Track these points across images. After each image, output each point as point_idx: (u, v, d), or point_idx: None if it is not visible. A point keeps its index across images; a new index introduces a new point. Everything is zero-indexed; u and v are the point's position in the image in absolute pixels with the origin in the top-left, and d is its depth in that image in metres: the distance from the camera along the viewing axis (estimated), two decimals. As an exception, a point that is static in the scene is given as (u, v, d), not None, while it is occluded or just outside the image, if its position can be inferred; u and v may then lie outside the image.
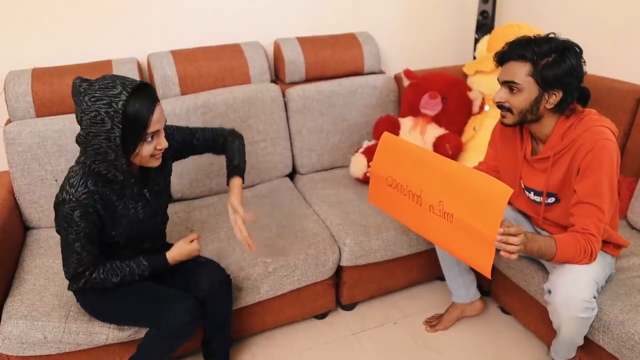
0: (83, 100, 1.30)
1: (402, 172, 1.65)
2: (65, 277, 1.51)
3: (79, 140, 1.36)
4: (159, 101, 1.39)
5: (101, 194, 1.42)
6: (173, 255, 1.62)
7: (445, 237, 1.53)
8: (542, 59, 1.46)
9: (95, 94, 1.29)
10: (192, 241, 1.66)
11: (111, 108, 1.28)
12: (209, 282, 1.68)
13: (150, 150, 1.40)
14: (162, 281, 1.66)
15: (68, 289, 1.59)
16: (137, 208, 1.51)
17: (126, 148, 1.35)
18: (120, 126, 1.29)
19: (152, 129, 1.36)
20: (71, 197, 1.37)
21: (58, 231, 1.45)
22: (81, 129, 1.33)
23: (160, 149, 1.42)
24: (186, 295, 1.60)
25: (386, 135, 1.71)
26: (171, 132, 1.64)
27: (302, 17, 2.61)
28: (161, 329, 1.52)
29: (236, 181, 1.68)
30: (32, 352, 1.58)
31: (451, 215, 1.47)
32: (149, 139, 1.37)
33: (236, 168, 1.71)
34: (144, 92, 1.35)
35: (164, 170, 1.62)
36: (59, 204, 1.40)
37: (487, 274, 1.41)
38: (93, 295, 1.58)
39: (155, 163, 1.46)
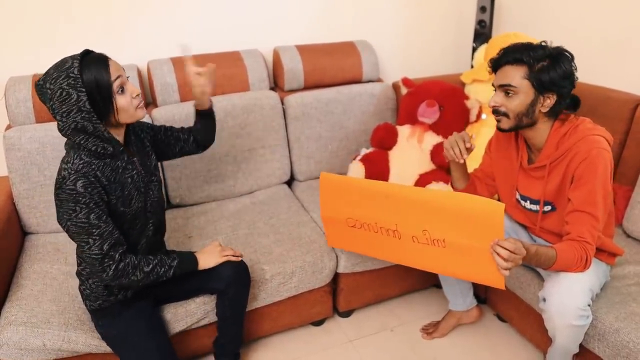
0: (46, 89, 1.33)
1: (363, 210, 1.62)
2: (93, 269, 1.42)
3: (60, 129, 1.37)
4: (110, 58, 1.41)
5: (97, 165, 1.40)
6: (203, 257, 1.64)
7: (440, 262, 1.54)
8: (538, 62, 1.49)
9: (53, 76, 1.32)
10: (224, 255, 1.67)
11: (70, 78, 1.30)
12: (230, 271, 1.69)
13: (128, 101, 1.40)
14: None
15: (84, 291, 1.57)
16: (133, 177, 1.50)
17: (105, 110, 1.36)
18: (84, 90, 1.31)
19: (114, 77, 1.36)
20: (70, 171, 1.36)
21: (66, 223, 1.37)
22: (55, 116, 1.35)
23: (137, 95, 1.43)
24: None
25: (324, 176, 1.68)
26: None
27: (302, 25, 2.63)
28: None
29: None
30: (30, 358, 1.58)
31: (442, 241, 1.48)
32: (119, 91, 1.39)
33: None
34: (92, 54, 1.38)
35: (145, 144, 1.62)
36: (60, 187, 1.36)
37: (501, 286, 1.44)
38: (115, 328, 1.58)
39: (142, 113, 1.47)
